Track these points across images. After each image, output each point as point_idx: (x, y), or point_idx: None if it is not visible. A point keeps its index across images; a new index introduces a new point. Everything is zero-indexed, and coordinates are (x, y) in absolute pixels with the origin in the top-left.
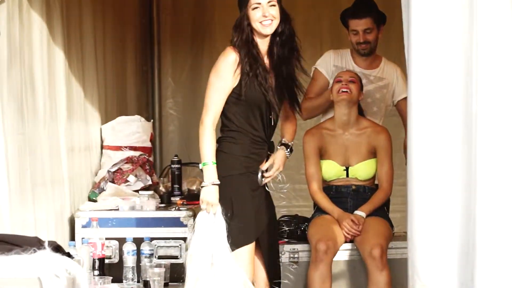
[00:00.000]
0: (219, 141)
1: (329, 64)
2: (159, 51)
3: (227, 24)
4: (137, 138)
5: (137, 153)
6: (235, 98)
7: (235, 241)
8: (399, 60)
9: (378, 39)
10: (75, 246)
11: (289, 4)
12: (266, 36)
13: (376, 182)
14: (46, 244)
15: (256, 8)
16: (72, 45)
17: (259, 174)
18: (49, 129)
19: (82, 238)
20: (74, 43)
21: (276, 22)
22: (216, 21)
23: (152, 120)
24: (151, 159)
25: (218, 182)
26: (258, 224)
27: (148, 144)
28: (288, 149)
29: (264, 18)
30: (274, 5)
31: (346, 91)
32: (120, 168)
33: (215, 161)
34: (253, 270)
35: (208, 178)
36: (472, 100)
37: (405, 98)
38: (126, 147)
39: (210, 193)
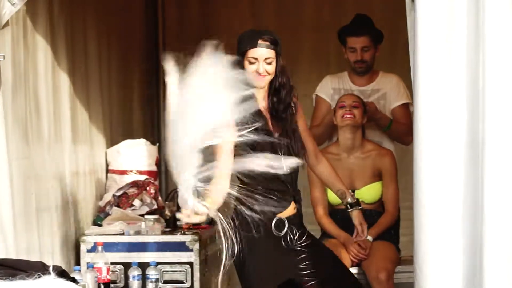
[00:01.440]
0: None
1: (328, 88)
2: (164, 74)
3: (232, 44)
4: (143, 162)
5: (142, 177)
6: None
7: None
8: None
9: (375, 57)
10: (80, 271)
11: (296, 26)
12: (262, 87)
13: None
14: (51, 269)
15: (252, 62)
16: (76, 69)
17: (273, 224)
18: (53, 153)
19: (87, 262)
20: (79, 67)
21: (269, 78)
22: (221, 48)
23: (157, 144)
24: (156, 183)
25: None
26: (273, 278)
27: (153, 168)
28: (354, 204)
29: (257, 74)
30: (270, 63)
31: (350, 116)
32: (125, 192)
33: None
34: None
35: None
36: (479, 124)
37: (400, 106)
38: (131, 171)
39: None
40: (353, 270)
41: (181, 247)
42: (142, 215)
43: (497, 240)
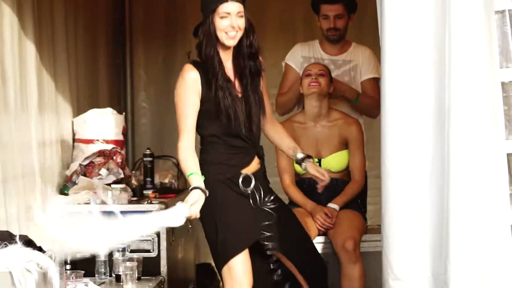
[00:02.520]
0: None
1: (297, 56)
2: (132, 44)
3: (200, 16)
4: (109, 131)
5: (109, 146)
6: (202, 111)
7: (222, 255)
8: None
9: (347, 26)
10: None
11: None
12: (228, 48)
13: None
14: (17, 238)
15: (224, 17)
16: (43, 38)
17: (240, 180)
18: (20, 122)
19: None
20: (46, 36)
21: (240, 34)
22: (188, 13)
23: (124, 113)
24: (123, 152)
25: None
26: (250, 232)
27: (120, 137)
28: (306, 157)
29: (231, 29)
30: (242, 16)
31: (316, 84)
32: (92, 162)
33: (191, 173)
34: (250, 281)
35: (194, 182)
36: (445, 94)
37: (370, 79)
38: (98, 140)
39: (191, 197)
40: (320, 238)
41: None
42: (109, 184)
43: (463, 208)
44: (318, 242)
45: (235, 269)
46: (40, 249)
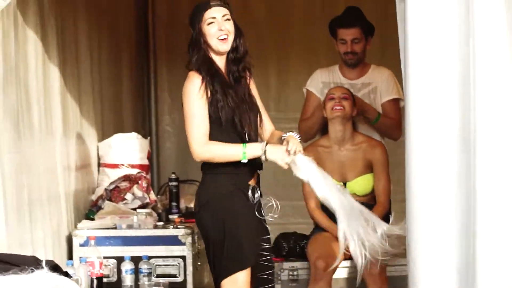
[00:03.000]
0: (202, 166)
1: (318, 82)
2: (155, 67)
3: None
4: (134, 155)
5: (134, 171)
6: (210, 118)
7: (228, 267)
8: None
9: (365, 50)
10: (73, 265)
11: (287, 19)
12: (223, 53)
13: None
14: (43, 263)
15: (211, 23)
16: (67, 62)
17: (250, 192)
18: (45, 146)
19: (80, 257)
20: (70, 60)
21: (231, 38)
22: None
23: (149, 137)
24: (148, 176)
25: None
26: (255, 247)
27: (145, 161)
28: (296, 135)
29: (221, 32)
30: (229, 19)
31: (340, 108)
32: (117, 186)
33: (244, 144)
34: None
35: (258, 148)
36: (470, 113)
37: (390, 101)
38: (123, 164)
39: (273, 150)
40: (346, 263)
41: (173, 241)
42: (134, 209)
43: (489, 232)
44: (344, 266)
45: (239, 281)
46: (66, 274)
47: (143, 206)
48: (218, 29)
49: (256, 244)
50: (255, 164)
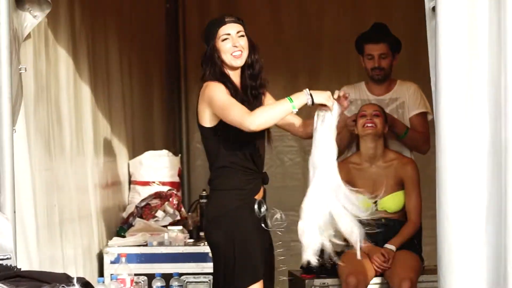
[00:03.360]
0: (210, 182)
1: None
2: (186, 85)
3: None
4: (165, 173)
5: (165, 188)
6: (219, 133)
7: (242, 281)
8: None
9: (392, 66)
10: (104, 282)
11: (317, 37)
12: (236, 68)
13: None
14: (75, 280)
15: (225, 39)
16: (98, 80)
17: (256, 206)
18: (76, 164)
19: (111, 274)
20: (101, 78)
21: (245, 54)
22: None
23: (179, 155)
24: (179, 194)
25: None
26: (263, 257)
27: (176, 179)
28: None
29: (235, 48)
30: (243, 35)
31: (371, 126)
32: (148, 203)
33: (289, 97)
34: None
35: (303, 96)
36: (501, 132)
37: (417, 114)
38: (154, 182)
39: (318, 93)
40: (377, 279)
41: (204, 257)
42: (165, 226)
43: None
44: (375, 283)
45: None
46: None
47: (174, 223)
48: (232, 45)
49: (265, 257)
50: (262, 180)
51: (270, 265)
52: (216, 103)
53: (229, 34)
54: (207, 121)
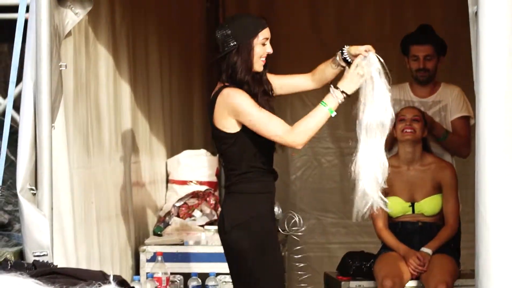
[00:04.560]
0: (232, 186)
1: None
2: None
3: (292, 57)
4: (203, 172)
5: (202, 188)
6: (243, 138)
7: (272, 286)
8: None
9: (437, 68)
10: (139, 280)
11: (357, 38)
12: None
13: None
14: (111, 278)
15: (265, 44)
16: (138, 79)
17: (276, 208)
18: (114, 163)
19: (147, 272)
20: (140, 77)
21: None
22: (281, 54)
23: (217, 154)
24: (216, 193)
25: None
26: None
27: (213, 178)
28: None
29: (267, 54)
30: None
31: (410, 131)
32: (185, 203)
33: (323, 102)
34: None
35: (336, 97)
36: None
37: (459, 118)
38: (191, 181)
39: (348, 84)
40: (413, 283)
41: None
42: (202, 226)
43: None
44: (411, 286)
45: None
46: None
47: (211, 223)
48: (267, 51)
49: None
50: (274, 178)
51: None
52: (247, 117)
53: (267, 39)
54: (229, 127)
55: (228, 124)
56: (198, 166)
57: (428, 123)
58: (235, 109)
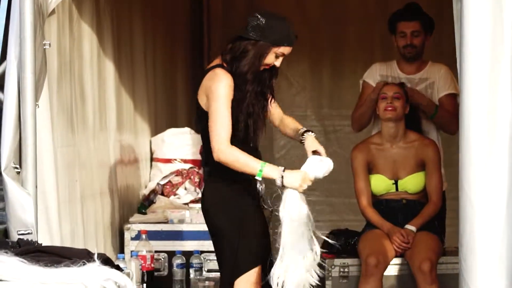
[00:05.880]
0: (208, 167)
1: (375, 74)
2: (209, 64)
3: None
4: (187, 150)
5: (187, 166)
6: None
7: (244, 264)
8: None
9: (424, 45)
10: (124, 258)
11: (341, 17)
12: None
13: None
14: (95, 256)
15: (278, 57)
16: (122, 57)
17: (258, 184)
18: (98, 141)
19: (132, 250)
20: (124, 55)
21: None
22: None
23: None
24: (200, 171)
25: (283, 168)
26: (267, 245)
27: (197, 156)
28: (312, 132)
29: (271, 65)
30: None
31: (391, 110)
32: (169, 181)
33: (263, 163)
34: None
35: (275, 172)
36: None
37: (447, 95)
38: (176, 159)
39: (291, 177)
40: (397, 260)
41: None
42: (187, 204)
43: None
44: (395, 264)
45: (255, 277)
46: (118, 267)
47: (195, 201)
48: (275, 63)
49: (268, 237)
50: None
51: (267, 249)
52: (211, 103)
53: (283, 55)
54: (206, 105)
55: (205, 102)
56: (182, 144)
57: (417, 98)
58: (209, 89)
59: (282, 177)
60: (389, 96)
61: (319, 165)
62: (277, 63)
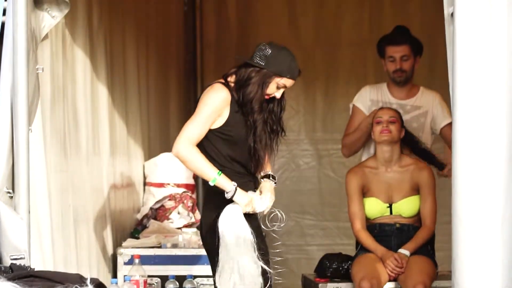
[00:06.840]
0: (206, 188)
1: (366, 99)
2: (203, 87)
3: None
4: (180, 175)
5: (180, 190)
6: (223, 135)
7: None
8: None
9: (414, 69)
10: (117, 283)
11: (335, 41)
12: None
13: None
14: (88, 281)
15: (279, 88)
16: (115, 82)
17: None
18: (91, 165)
19: (125, 275)
20: (118, 80)
21: None
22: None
23: None
24: (193, 196)
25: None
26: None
27: (191, 181)
28: (273, 179)
29: (271, 96)
30: None
31: (387, 133)
32: (163, 205)
33: (220, 172)
34: None
35: (230, 184)
36: None
37: (449, 124)
38: (169, 184)
39: (242, 194)
40: (390, 284)
41: None
42: (180, 228)
43: None
44: None
45: None
46: None
47: (188, 226)
48: (275, 94)
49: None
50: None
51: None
52: (198, 108)
53: (285, 87)
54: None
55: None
56: (175, 168)
57: (428, 158)
58: (201, 98)
59: (235, 191)
60: (385, 120)
61: (259, 201)
62: (278, 94)
